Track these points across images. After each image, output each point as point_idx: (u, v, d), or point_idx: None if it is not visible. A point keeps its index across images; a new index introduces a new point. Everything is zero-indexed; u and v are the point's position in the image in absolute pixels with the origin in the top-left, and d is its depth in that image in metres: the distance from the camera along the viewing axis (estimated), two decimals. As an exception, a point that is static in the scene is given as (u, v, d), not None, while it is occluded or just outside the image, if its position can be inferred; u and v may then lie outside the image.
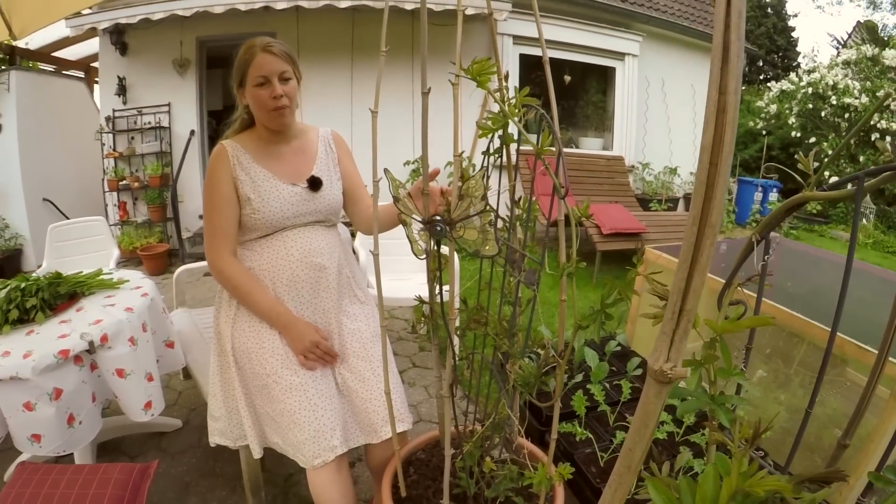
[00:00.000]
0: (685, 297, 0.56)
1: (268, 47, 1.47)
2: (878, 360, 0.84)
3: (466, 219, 0.92)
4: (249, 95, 1.51)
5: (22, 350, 1.70)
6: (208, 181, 1.53)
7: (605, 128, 7.88)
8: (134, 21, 5.28)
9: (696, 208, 0.54)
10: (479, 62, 0.88)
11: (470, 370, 1.38)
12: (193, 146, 5.95)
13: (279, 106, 1.49)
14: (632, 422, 0.64)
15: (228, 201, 1.51)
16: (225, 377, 1.63)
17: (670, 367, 0.59)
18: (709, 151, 0.52)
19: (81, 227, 3.57)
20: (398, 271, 3.46)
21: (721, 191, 0.52)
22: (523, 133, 0.88)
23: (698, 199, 0.53)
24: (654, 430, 0.62)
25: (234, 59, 1.52)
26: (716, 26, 0.51)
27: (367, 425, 1.59)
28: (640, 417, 0.64)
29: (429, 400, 2.91)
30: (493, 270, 1.25)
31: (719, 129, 0.52)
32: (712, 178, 0.53)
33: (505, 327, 1.14)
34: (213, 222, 1.52)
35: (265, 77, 1.46)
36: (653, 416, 0.61)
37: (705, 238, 0.54)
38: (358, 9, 5.46)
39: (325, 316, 1.62)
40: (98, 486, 1.47)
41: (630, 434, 0.64)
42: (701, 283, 0.55)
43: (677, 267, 0.56)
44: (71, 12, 2.78)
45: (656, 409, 0.61)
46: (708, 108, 0.52)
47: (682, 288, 0.56)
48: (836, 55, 10.77)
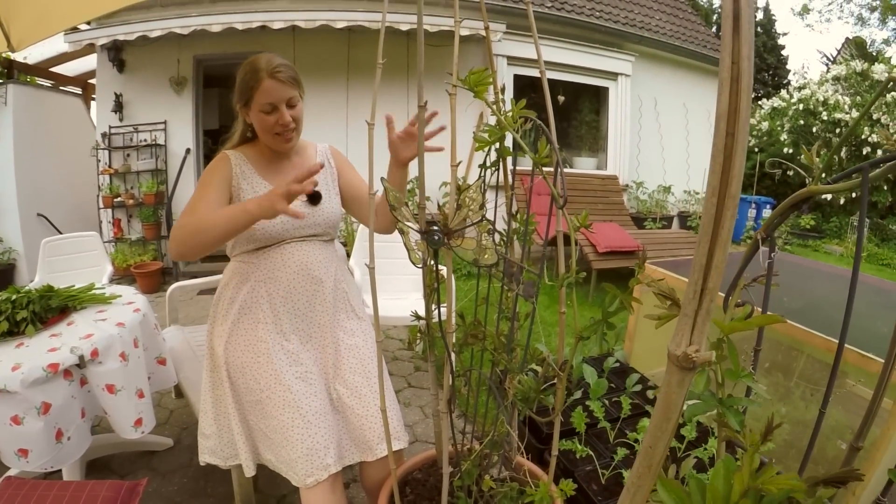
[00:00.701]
0: (706, 275, 0.53)
1: (275, 73, 1.45)
2: (885, 367, 0.83)
3: (464, 228, 0.92)
4: (255, 118, 1.51)
5: (10, 362, 1.67)
6: (205, 174, 1.52)
7: (598, 147, 7.95)
8: (132, 38, 5.32)
9: (715, 178, 0.52)
10: (477, 72, 0.88)
11: (468, 387, 1.36)
12: (189, 164, 5.97)
13: (285, 132, 1.51)
14: (651, 416, 0.60)
15: (217, 193, 1.47)
16: (217, 393, 1.61)
17: (694, 350, 0.55)
18: (724, 119, 0.50)
19: (75, 242, 3.55)
20: (393, 290, 3.44)
21: (740, 160, 0.50)
22: (521, 143, 0.87)
23: (716, 168, 0.51)
24: (675, 425, 0.59)
25: (235, 77, 1.51)
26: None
27: (363, 442, 1.56)
28: (662, 410, 0.60)
29: (425, 420, 2.87)
30: (491, 286, 1.24)
31: (734, 97, 0.50)
32: (729, 147, 0.50)
33: (503, 342, 1.12)
34: (193, 205, 1.42)
35: (272, 105, 1.47)
36: (675, 408, 0.58)
37: (726, 210, 0.51)
38: (353, 29, 5.53)
39: (320, 330, 1.61)
40: (85, 503, 1.44)
41: (650, 430, 0.60)
42: (723, 259, 0.53)
43: (698, 242, 0.53)
44: (69, 26, 2.80)
45: (678, 400, 0.57)
46: (721, 75, 0.50)
47: (703, 264, 0.54)
48: (826, 71, 10.96)
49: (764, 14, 20.62)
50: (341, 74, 6.03)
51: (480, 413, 1.37)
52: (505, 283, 1.09)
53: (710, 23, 20.73)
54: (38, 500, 1.43)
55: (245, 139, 1.65)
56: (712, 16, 21.51)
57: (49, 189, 5.66)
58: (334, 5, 5.50)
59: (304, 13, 5.36)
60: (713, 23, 21.06)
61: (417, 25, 1.04)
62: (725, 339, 0.66)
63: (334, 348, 1.62)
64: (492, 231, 0.96)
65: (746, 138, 0.51)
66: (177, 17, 5.22)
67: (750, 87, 0.49)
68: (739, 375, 0.66)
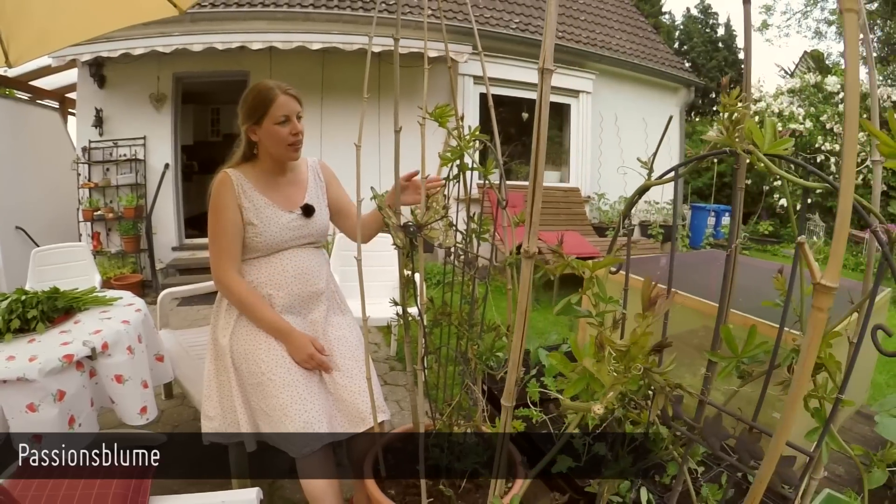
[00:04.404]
0: (534, 192, 0.81)
1: (288, 90, 1.68)
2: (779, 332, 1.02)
3: (431, 223, 1.21)
4: (268, 132, 1.70)
5: (27, 355, 1.84)
6: (214, 206, 1.72)
7: (561, 161, 8.35)
8: (115, 55, 5.47)
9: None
10: (441, 108, 1.17)
11: (437, 363, 1.63)
12: (168, 179, 6.12)
13: (297, 141, 1.73)
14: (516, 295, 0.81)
15: (234, 225, 1.71)
16: (221, 379, 1.82)
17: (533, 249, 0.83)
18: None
19: (63, 252, 3.67)
20: (370, 296, 3.68)
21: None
22: (473, 160, 1.16)
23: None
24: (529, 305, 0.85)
25: (212, 94, 1.74)
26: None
27: (356, 415, 1.77)
28: (522, 293, 0.85)
29: (401, 412, 3.12)
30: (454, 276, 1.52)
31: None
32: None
33: (465, 318, 1.40)
34: (220, 244, 1.71)
35: (287, 116, 1.68)
36: (526, 286, 0.84)
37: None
38: (328, 51, 5.78)
39: (313, 326, 1.84)
40: (96, 501, 1.56)
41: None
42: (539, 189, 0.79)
43: (527, 193, 0.80)
44: (69, 44, 2.87)
45: (528, 279, 0.84)
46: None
47: (531, 199, 0.82)
48: (784, 84, 11.58)
49: (725, 30, 21.47)
50: (316, 94, 6.28)
51: (450, 384, 1.63)
52: (465, 271, 1.37)
53: (673, 39, 21.56)
54: (49, 500, 1.52)
55: (244, 159, 1.82)
56: (674, 32, 22.34)
57: (28, 202, 5.71)
58: (310, 27, 5.78)
59: (281, 34, 5.62)
60: (675, 39, 21.92)
61: (394, 62, 1.32)
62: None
63: (325, 341, 1.84)
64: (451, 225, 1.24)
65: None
66: (159, 35, 5.40)
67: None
68: (606, 300, 0.89)
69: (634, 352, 0.71)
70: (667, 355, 0.98)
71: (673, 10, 40.34)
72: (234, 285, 1.72)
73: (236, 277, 1.73)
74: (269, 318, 1.72)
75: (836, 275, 0.55)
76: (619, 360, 0.72)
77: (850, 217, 0.55)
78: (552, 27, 0.70)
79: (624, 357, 0.72)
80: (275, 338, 1.73)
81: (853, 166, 0.54)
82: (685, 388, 0.84)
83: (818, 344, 0.56)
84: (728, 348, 0.85)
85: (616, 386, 0.71)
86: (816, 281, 0.55)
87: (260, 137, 1.73)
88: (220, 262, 1.72)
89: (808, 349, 0.56)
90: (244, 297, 1.72)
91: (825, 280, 0.55)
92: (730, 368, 0.85)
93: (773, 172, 0.72)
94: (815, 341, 0.56)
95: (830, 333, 0.85)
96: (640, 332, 0.71)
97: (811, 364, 0.57)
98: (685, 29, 22.49)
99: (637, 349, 0.71)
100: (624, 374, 0.72)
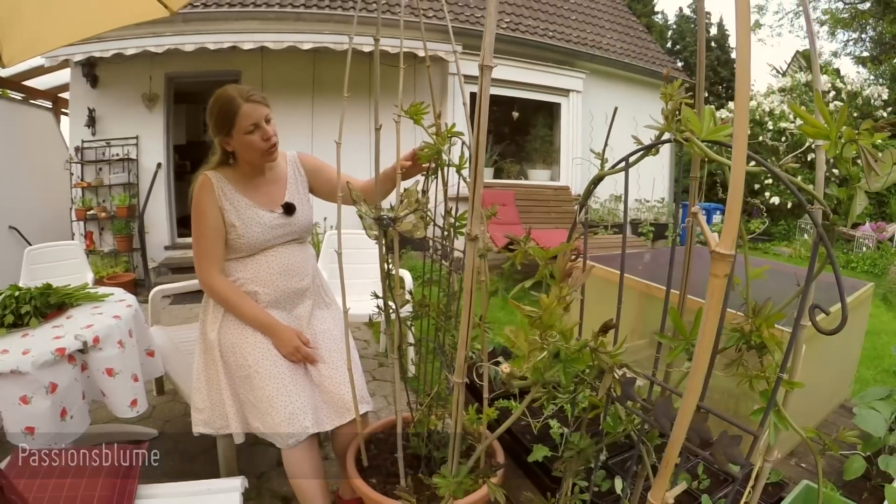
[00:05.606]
0: (475, 181, 0.88)
1: (250, 97, 1.65)
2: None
3: (404, 216, 1.26)
4: (240, 142, 1.70)
5: (20, 349, 1.87)
6: (195, 209, 1.75)
7: (552, 160, 8.41)
8: (108, 55, 5.50)
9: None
10: (415, 105, 1.22)
11: (418, 355, 1.69)
12: (160, 179, 6.15)
13: (271, 145, 1.72)
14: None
15: (215, 227, 1.74)
16: (209, 373, 1.86)
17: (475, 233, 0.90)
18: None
19: (56, 250, 3.71)
20: (352, 292, 3.73)
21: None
22: (446, 156, 1.22)
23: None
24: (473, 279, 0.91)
25: (204, 94, 1.74)
26: None
27: (341, 405, 1.80)
28: (468, 275, 0.92)
29: (388, 407, 3.17)
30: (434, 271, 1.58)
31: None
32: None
33: (443, 310, 1.46)
34: (202, 245, 1.76)
35: (255, 124, 1.66)
36: (470, 264, 0.92)
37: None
38: (319, 50, 5.83)
39: (298, 321, 1.89)
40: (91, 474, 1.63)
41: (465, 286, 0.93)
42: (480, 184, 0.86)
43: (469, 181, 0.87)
44: (63, 44, 2.87)
45: (473, 258, 0.89)
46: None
47: (473, 185, 0.88)
48: (776, 83, 11.66)
49: (718, 30, 21.56)
50: (307, 93, 6.34)
51: (430, 376, 1.69)
52: (443, 263, 1.43)
53: (665, 39, 21.65)
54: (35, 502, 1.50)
55: (222, 162, 1.82)
56: (667, 32, 22.43)
57: (21, 202, 5.74)
58: (301, 27, 5.82)
59: (272, 35, 5.67)
60: (667, 38, 22.01)
61: (374, 61, 1.38)
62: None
63: (311, 334, 1.89)
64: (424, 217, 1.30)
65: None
66: (151, 35, 5.43)
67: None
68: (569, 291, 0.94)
69: (547, 319, 0.77)
70: (646, 345, 1.04)
71: (665, 10, 40.51)
72: (217, 286, 1.77)
73: (219, 278, 1.78)
74: (254, 315, 1.77)
75: (731, 244, 0.61)
76: (533, 326, 0.78)
77: (742, 191, 0.62)
78: (492, 26, 0.76)
79: (537, 323, 0.78)
80: (258, 328, 1.78)
81: (744, 144, 0.60)
82: (631, 367, 0.90)
83: (718, 308, 0.62)
84: (679, 332, 0.91)
85: (534, 352, 0.76)
86: (712, 249, 0.61)
87: (233, 147, 1.75)
88: (202, 264, 1.77)
89: (708, 314, 0.61)
90: (228, 297, 1.77)
91: (720, 248, 0.61)
92: (679, 350, 0.91)
93: (712, 158, 0.78)
94: (715, 306, 0.62)
95: (774, 315, 0.91)
96: (552, 301, 0.77)
97: (713, 328, 0.63)
98: (678, 28, 22.59)
99: (549, 317, 0.77)
100: (541, 342, 0.78)
